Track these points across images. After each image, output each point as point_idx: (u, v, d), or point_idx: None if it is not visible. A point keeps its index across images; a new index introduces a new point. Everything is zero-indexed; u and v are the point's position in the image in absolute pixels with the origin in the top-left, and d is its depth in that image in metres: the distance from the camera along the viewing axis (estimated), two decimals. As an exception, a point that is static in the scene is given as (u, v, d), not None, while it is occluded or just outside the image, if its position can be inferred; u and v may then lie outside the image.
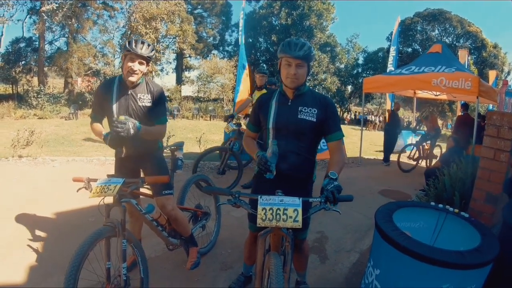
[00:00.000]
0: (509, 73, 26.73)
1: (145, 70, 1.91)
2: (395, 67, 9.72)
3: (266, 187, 1.54)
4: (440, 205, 2.03)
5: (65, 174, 4.19)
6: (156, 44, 19.29)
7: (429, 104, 23.17)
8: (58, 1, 17.01)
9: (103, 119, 1.99)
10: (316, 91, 1.82)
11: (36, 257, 2.34)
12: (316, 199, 1.38)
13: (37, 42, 18.65)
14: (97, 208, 1.61)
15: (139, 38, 1.92)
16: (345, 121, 24.64)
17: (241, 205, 1.39)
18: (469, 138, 4.90)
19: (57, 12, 16.81)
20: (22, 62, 19.06)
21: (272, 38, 24.07)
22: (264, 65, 25.55)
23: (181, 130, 12.06)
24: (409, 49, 27.57)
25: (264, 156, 1.49)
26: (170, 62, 24.84)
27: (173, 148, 2.33)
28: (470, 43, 25.66)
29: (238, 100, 6.04)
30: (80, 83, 19.11)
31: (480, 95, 5.07)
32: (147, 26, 18.45)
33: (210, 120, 18.15)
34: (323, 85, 24.39)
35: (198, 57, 24.69)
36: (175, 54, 24.16)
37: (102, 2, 20.11)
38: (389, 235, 1.63)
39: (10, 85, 19.89)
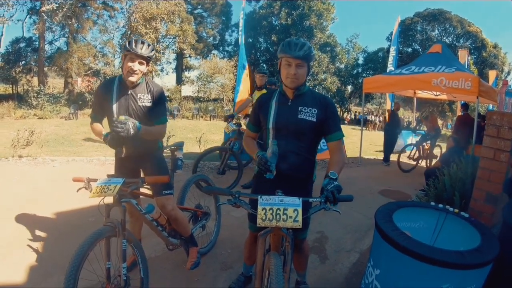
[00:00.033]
0: (509, 73, 26.74)
1: (145, 70, 1.91)
2: (395, 67, 9.72)
3: (266, 187, 1.54)
4: (440, 205, 2.03)
5: (65, 174, 4.19)
6: (156, 44, 19.30)
7: (429, 104, 23.16)
8: (58, 1, 17.03)
9: (103, 119, 1.99)
10: (316, 91, 1.82)
11: (36, 257, 2.34)
12: (316, 199, 1.38)
13: (37, 42, 18.66)
14: (97, 208, 1.61)
15: (139, 38, 1.92)
16: (345, 121, 24.64)
17: (241, 205, 1.39)
18: (469, 138, 4.90)
19: (57, 12, 16.82)
20: (22, 62, 19.07)
21: (272, 38, 24.08)
22: (264, 65, 25.54)
23: (181, 130, 12.06)
24: (409, 49, 27.58)
25: (264, 156, 1.49)
26: (170, 62, 24.92)
27: (173, 148, 2.33)
28: (470, 43, 25.66)
29: (238, 100, 6.04)
30: (80, 83, 19.11)
31: (480, 95, 5.06)
32: (147, 26, 18.46)
33: (210, 120, 18.16)
34: (323, 85, 24.40)
35: (198, 57, 24.70)
36: (175, 54, 24.20)
37: (102, 2, 20.13)
38: (389, 235, 1.63)
39: (10, 85, 19.90)
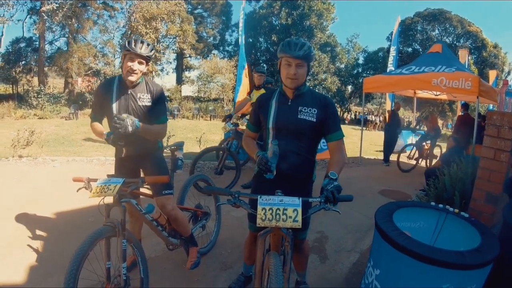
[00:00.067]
0: (509, 73, 26.73)
1: (145, 70, 1.91)
2: (395, 67, 9.72)
3: (266, 187, 1.54)
4: (440, 205, 2.03)
5: (65, 174, 4.19)
6: (156, 44, 19.30)
7: (429, 104, 23.16)
8: (58, 1, 17.03)
9: (103, 119, 1.99)
10: (316, 91, 1.82)
11: (36, 257, 2.34)
12: (316, 199, 1.38)
13: (37, 42, 18.66)
14: (97, 208, 1.61)
15: (139, 38, 1.92)
16: (345, 121, 24.64)
17: (241, 205, 1.39)
18: (469, 138, 4.90)
19: (57, 12, 16.82)
20: (22, 62, 19.08)
21: (272, 38, 24.06)
22: (264, 65, 25.55)
23: (181, 130, 12.06)
24: (409, 49, 27.56)
25: (265, 156, 1.49)
26: (170, 62, 24.92)
27: (173, 148, 2.33)
28: (470, 43, 25.64)
29: (238, 100, 6.05)
30: (80, 83, 19.11)
31: (480, 95, 5.06)
32: (147, 26, 18.46)
33: (210, 120, 18.16)
34: (323, 85, 24.39)
35: (198, 57, 24.70)
36: (175, 54, 24.20)
37: (102, 2, 20.14)
38: (389, 235, 1.63)
39: (10, 85, 19.91)
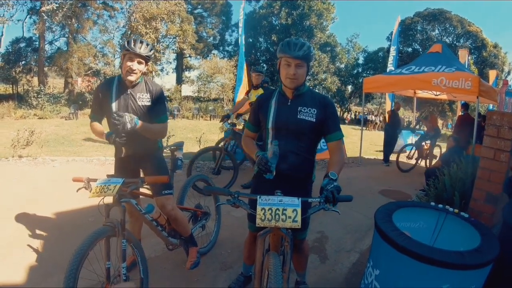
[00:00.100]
0: (509, 73, 26.73)
1: (144, 70, 1.92)
2: (395, 67, 9.72)
3: (266, 187, 1.53)
4: (440, 205, 2.03)
5: (65, 174, 4.19)
6: (156, 44, 19.29)
7: (429, 104, 23.16)
8: (58, 1, 17.01)
9: (103, 119, 1.99)
10: (316, 91, 1.81)
11: (36, 257, 2.34)
12: (316, 199, 1.38)
13: (37, 42, 18.64)
14: (97, 208, 1.61)
15: (138, 38, 1.92)
16: (345, 121, 24.64)
17: (240, 205, 1.39)
18: (470, 138, 4.90)
19: (57, 12, 16.80)
20: (22, 62, 19.06)
21: (272, 38, 24.05)
22: (264, 65, 25.57)
23: (181, 130, 12.05)
24: (409, 49, 27.55)
25: (265, 157, 1.49)
26: (170, 62, 24.89)
27: (173, 148, 2.33)
28: (470, 43, 25.64)
29: (238, 100, 6.07)
30: (80, 83, 19.11)
31: (480, 95, 5.05)
32: (147, 26, 18.44)
33: (210, 120, 18.16)
34: (323, 85, 24.39)
35: (198, 57, 24.68)
36: (175, 54, 24.17)
37: (102, 2, 20.11)
38: (389, 235, 1.63)
39: (10, 85, 19.89)
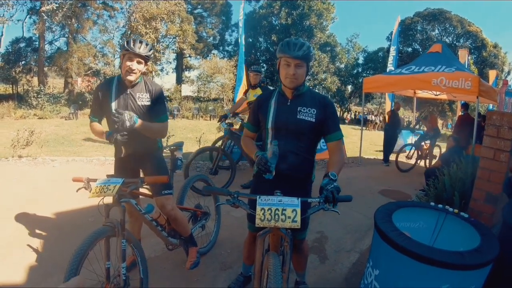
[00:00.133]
0: (509, 73, 26.74)
1: (144, 69, 1.92)
2: (395, 67, 9.73)
3: (265, 187, 1.53)
4: (440, 205, 2.03)
5: (65, 174, 4.19)
6: (156, 44, 19.28)
7: (429, 104, 23.16)
8: (58, 1, 17.00)
9: (102, 119, 1.99)
10: (316, 91, 1.81)
11: (36, 257, 2.34)
12: (315, 199, 1.37)
13: (37, 42, 18.64)
14: (97, 208, 1.61)
15: (138, 38, 1.92)
16: (345, 121, 24.63)
17: (240, 205, 1.39)
18: (469, 138, 4.90)
19: (57, 12, 16.79)
20: (22, 62, 19.05)
21: (272, 38, 24.06)
22: (264, 65, 25.57)
23: (181, 130, 12.06)
24: (409, 49, 27.56)
25: (264, 157, 1.49)
26: (170, 62, 24.89)
27: (173, 148, 2.33)
28: (470, 43, 25.64)
29: (237, 100, 6.06)
30: (80, 83, 19.11)
31: (480, 95, 5.05)
32: (147, 26, 18.43)
33: (210, 120, 18.14)
34: (323, 85, 24.39)
35: (198, 57, 24.68)
36: (175, 54, 24.17)
37: (102, 2, 20.11)
38: (388, 236, 1.63)
39: (10, 85, 19.88)
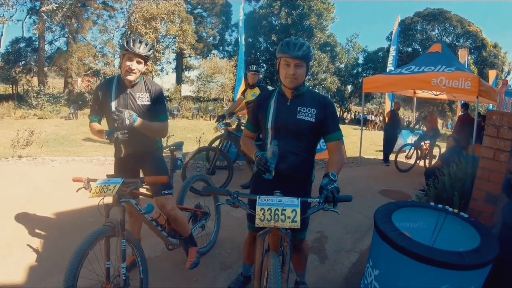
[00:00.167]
0: (509, 73, 26.77)
1: (143, 69, 1.92)
2: (395, 67, 9.73)
3: (265, 187, 1.53)
4: (440, 205, 2.03)
5: (65, 174, 4.19)
6: (156, 44, 19.27)
7: (429, 104, 23.16)
8: (58, 1, 16.99)
9: (102, 119, 1.99)
10: (315, 91, 1.81)
11: (36, 257, 2.34)
12: (315, 199, 1.37)
13: (37, 42, 18.63)
14: (97, 208, 1.62)
15: (137, 38, 1.93)
16: (345, 121, 24.63)
17: (240, 206, 1.39)
18: (469, 138, 4.90)
19: (57, 12, 16.78)
20: (22, 62, 19.04)
21: (272, 38, 24.06)
22: (264, 65, 25.57)
23: (181, 130, 12.05)
24: (409, 49, 27.58)
25: (264, 157, 1.49)
26: (170, 62, 24.87)
27: (173, 148, 2.33)
28: (470, 43, 25.66)
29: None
30: (80, 83, 19.10)
31: (480, 95, 5.05)
32: (147, 26, 18.42)
33: (210, 120, 18.12)
34: (323, 85, 24.39)
35: (198, 57, 24.67)
36: (175, 54, 24.16)
37: (102, 2, 20.10)
38: (388, 236, 1.63)
39: (10, 85, 19.88)
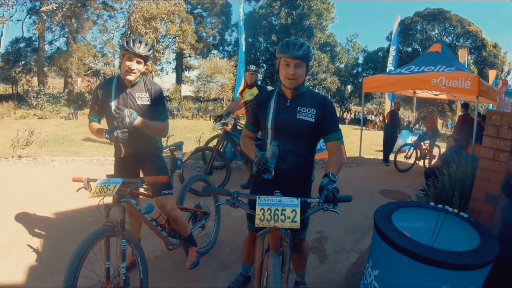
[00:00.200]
0: (509, 73, 26.78)
1: (143, 69, 1.92)
2: (395, 67, 9.72)
3: (265, 188, 1.54)
4: (440, 205, 2.03)
5: (65, 174, 4.19)
6: (156, 44, 19.26)
7: (429, 104, 23.18)
8: (58, 1, 16.99)
9: (102, 119, 1.99)
10: (315, 91, 1.81)
11: (36, 257, 2.34)
12: (315, 200, 1.37)
13: (37, 42, 18.63)
14: (97, 208, 1.62)
15: (137, 38, 1.93)
16: (345, 121, 24.63)
17: (240, 206, 1.39)
18: (469, 138, 4.90)
19: (57, 12, 16.77)
20: (22, 62, 19.05)
21: (272, 38, 24.06)
22: (264, 65, 25.56)
23: (181, 130, 12.05)
24: (409, 49, 27.59)
25: (264, 157, 1.49)
26: (170, 62, 24.88)
27: (173, 148, 2.34)
28: (470, 43, 25.67)
29: None
30: (80, 83, 19.09)
31: (480, 95, 5.05)
32: (147, 26, 18.41)
33: (210, 120, 18.11)
34: (323, 85, 24.39)
35: (198, 57, 24.67)
36: (175, 54, 24.16)
37: (102, 2, 20.09)
38: (388, 236, 1.63)
39: (10, 85, 19.89)
